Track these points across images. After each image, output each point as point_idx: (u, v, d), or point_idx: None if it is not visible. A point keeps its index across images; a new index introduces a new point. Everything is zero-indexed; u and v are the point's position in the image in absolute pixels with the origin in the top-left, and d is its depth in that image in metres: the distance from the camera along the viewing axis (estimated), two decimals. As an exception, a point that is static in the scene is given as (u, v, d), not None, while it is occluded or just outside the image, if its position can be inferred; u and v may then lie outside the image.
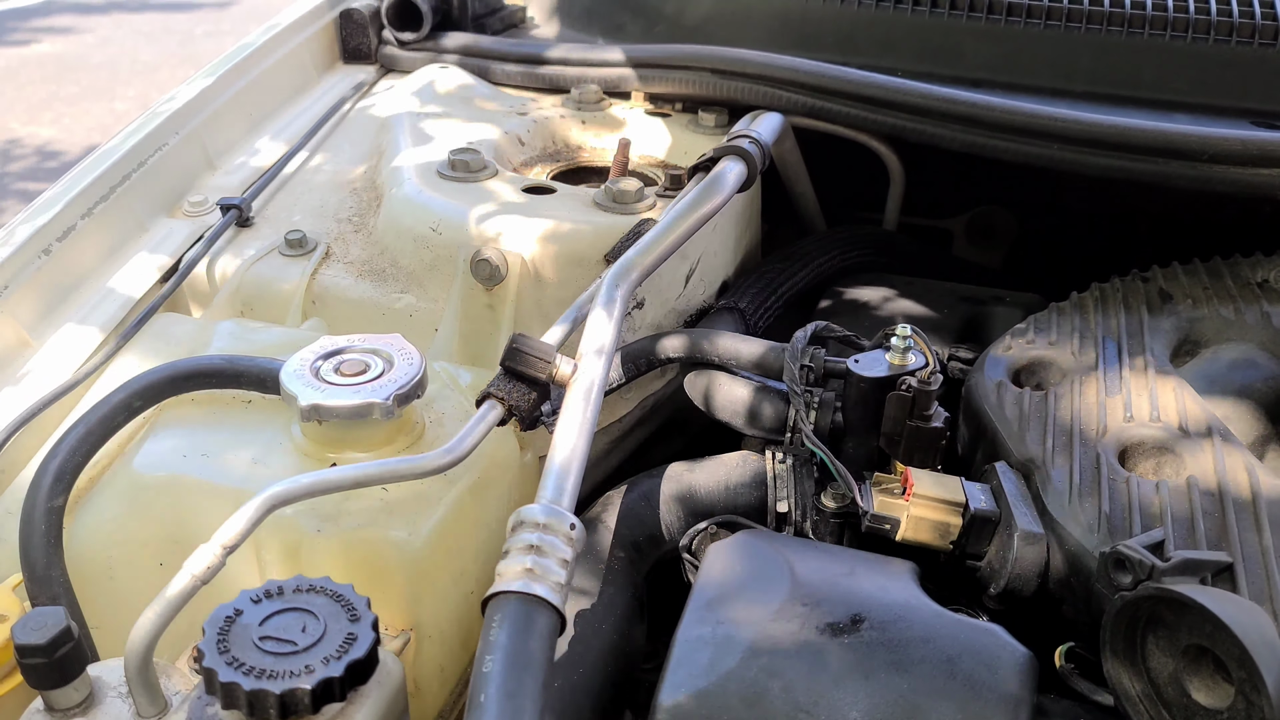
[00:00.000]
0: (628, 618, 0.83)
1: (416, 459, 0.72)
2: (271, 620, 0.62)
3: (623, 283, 0.90)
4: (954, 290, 1.27)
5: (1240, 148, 1.10)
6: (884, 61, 1.39)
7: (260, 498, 0.65)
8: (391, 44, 1.56)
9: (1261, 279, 1.06)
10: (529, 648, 0.59)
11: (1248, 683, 0.61)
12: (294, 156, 1.32)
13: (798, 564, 0.74)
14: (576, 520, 0.67)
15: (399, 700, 0.66)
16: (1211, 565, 0.70)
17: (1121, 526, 0.76)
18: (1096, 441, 0.84)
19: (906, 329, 0.88)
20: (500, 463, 0.88)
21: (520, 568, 0.63)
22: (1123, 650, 0.68)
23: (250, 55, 1.44)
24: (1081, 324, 1.01)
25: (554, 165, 1.32)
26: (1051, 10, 1.37)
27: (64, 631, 0.59)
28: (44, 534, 0.75)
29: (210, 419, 0.85)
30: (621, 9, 1.60)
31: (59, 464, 0.78)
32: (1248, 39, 1.33)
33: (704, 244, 1.16)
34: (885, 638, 0.68)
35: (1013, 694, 0.65)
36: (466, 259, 1.02)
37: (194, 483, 0.80)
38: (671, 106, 1.41)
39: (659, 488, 0.94)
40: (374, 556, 0.76)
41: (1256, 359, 0.97)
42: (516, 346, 0.79)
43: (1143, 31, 1.35)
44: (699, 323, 1.16)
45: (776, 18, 1.48)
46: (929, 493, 0.81)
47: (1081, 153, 1.17)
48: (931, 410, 0.86)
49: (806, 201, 1.45)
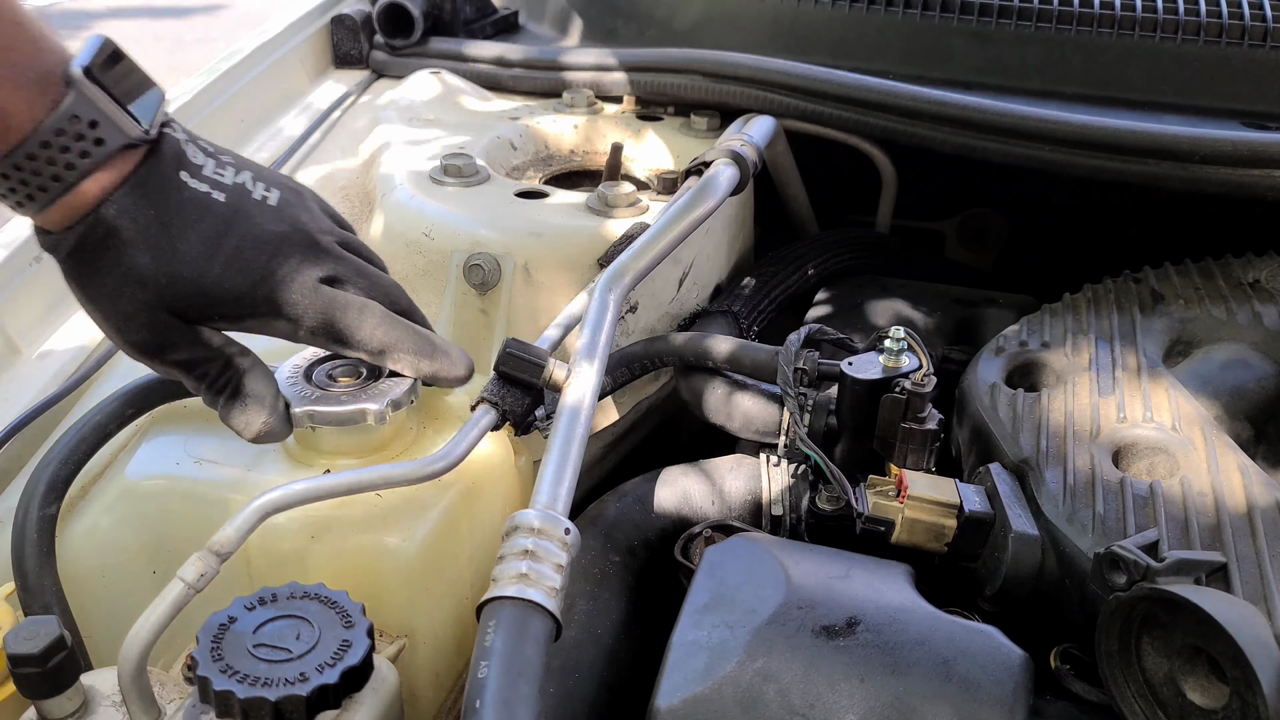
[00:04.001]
0: (623, 622, 0.83)
1: (410, 465, 0.72)
2: (266, 628, 0.62)
3: (616, 287, 0.90)
4: (946, 292, 1.27)
5: (1231, 149, 1.11)
6: (875, 64, 1.39)
7: (254, 505, 0.65)
8: (383, 50, 1.56)
9: (1253, 279, 1.06)
10: (524, 653, 0.59)
11: (1242, 682, 0.61)
12: (285, 162, 1.31)
13: (792, 567, 0.74)
14: (571, 525, 0.67)
15: (394, 707, 0.66)
16: (1206, 565, 0.70)
17: (1116, 527, 0.76)
18: (1090, 442, 0.85)
19: (900, 331, 0.89)
20: (494, 468, 0.88)
21: (515, 573, 0.63)
22: (1118, 651, 0.68)
23: (241, 61, 1.44)
24: (1074, 325, 1.01)
25: (546, 170, 1.32)
26: (1041, 12, 1.38)
27: (57, 640, 0.59)
28: (36, 542, 0.75)
29: (203, 426, 0.85)
30: (613, 13, 1.60)
31: (51, 472, 0.77)
32: (1237, 40, 1.33)
33: (697, 248, 1.16)
34: (881, 640, 0.68)
35: (1008, 695, 0.65)
36: (459, 264, 1.02)
37: (187, 490, 0.80)
38: (664, 110, 1.41)
39: (653, 492, 0.94)
40: (368, 563, 0.76)
41: (1249, 359, 0.97)
42: (510, 351, 0.79)
43: (1132, 33, 1.36)
44: (692, 326, 1.16)
45: (767, 21, 1.48)
46: (923, 495, 0.81)
47: (1072, 154, 1.17)
48: (925, 412, 0.86)
49: (799, 204, 1.45)
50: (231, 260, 0.68)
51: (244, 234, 0.68)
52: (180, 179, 0.67)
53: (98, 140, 0.62)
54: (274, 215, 0.70)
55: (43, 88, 0.61)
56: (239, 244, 0.68)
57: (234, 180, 0.70)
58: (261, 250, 0.69)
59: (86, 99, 0.61)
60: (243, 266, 0.68)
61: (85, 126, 0.62)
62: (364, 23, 1.56)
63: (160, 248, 0.66)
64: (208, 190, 0.68)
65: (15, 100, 0.60)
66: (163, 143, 0.67)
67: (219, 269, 0.67)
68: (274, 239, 0.69)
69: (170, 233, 0.66)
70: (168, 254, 0.66)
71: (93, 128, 0.62)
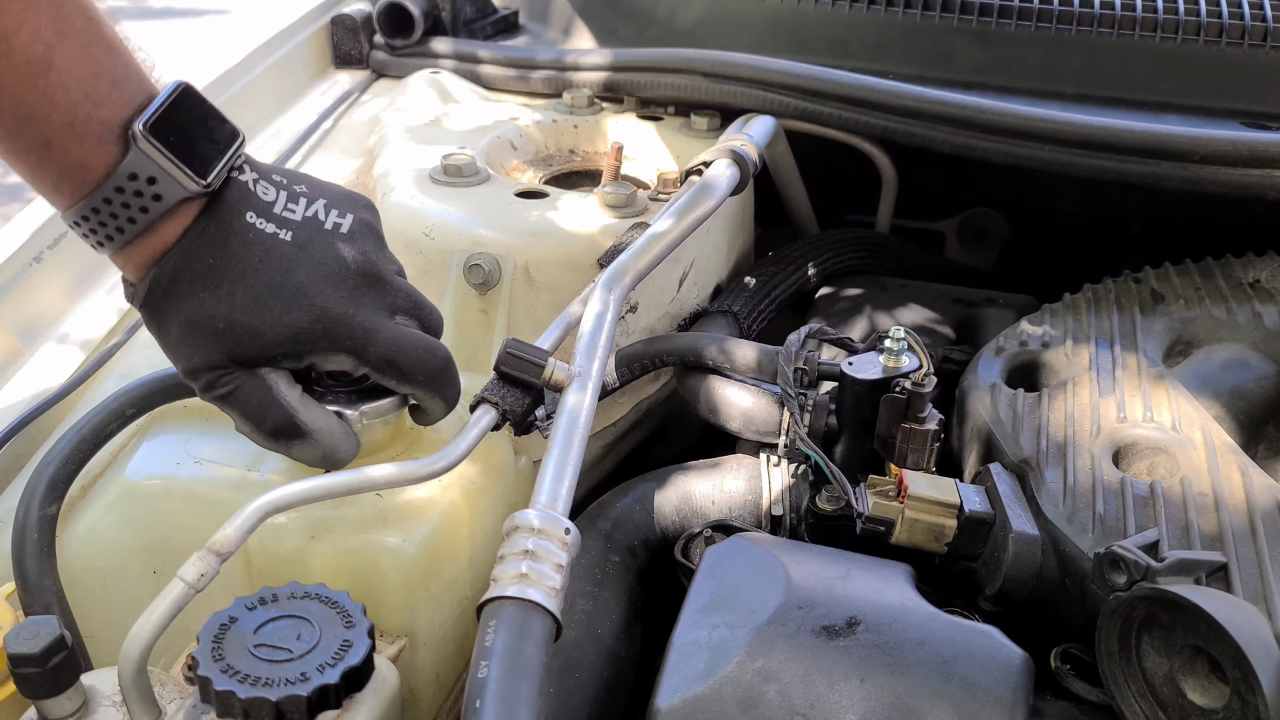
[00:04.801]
0: (623, 622, 0.83)
1: (410, 465, 0.72)
2: (266, 628, 0.62)
3: (616, 287, 0.90)
4: (946, 292, 1.27)
5: (1231, 148, 1.11)
6: (875, 64, 1.39)
7: (254, 505, 0.65)
8: (383, 50, 1.56)
9: (1253, 279, 1.06)
10: (524, 653, 0.59)
11: (1243, 682, 0.61)
12: (285, 163, 1.31)
13: (792, 567, 0.74)
14: (571, 525, 0.67)
15: (394, 707, 0.66)
16: (1206, 565, 0.70)
17: (1116, 527, 0.76)
18: (1090, 442, 0.85)
19: (900, 331, 0.89)
20: (494, 468, 0.88)
21: (515, 573, 0.63)
22: (1118, 651, 0.68)
23: (242, 61, 1.44)
24: (1074, 325, 1.01)
25: (546, 170, 1.31)
26: (1041, 12, 1.38)
27: (57, 640, 0.59)
28: (37, 542, 0.75)
29: (203, 426, 0.85)
30: (613, 13, 1.60)
31: (52, 472, 0.77)
32: (1237, 40, 1.33)
33: (697, 248, 1.16)
34: (881, 640, 0.68)
35: (1008, 695, 0.65)
36: (459, 264, 1.02)
37: (187, 490, 0.80)
38: (664, 110, 1.41)
39: (654, 492, 0.94)
40: (368, 563, 0.76)
41: (1249, 359, 0.97)
42: (510, 351, 0.79)
43: (1133, 33, 1.36)
44: (692, 326, 1.16)
45: (768, 21, 1.48)
46: (923, 495, 0.81)
47: (1073, 154, 1.17)
48: (925, 412, 0.86)
49: (799, 204, 1.45)
50: (293, 300, 0.68)
51: (308, 271, 0.69)
52: (245, 223, 0.68)
53: (155, 196, 0.65)
54: (343, 246, 0.71)
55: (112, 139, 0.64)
56: (302, 282, 0.68)
57: (304, 214, 0.71)
58: (326, 285, 0.69)
59: (145, 156, 0.64)
60: (305, 304, 0.68)
61: (144, 183, 0.64)
62: (364, 23, 1.56)
63: (219, 295, 0.67)
64: (275, 231, 0.69)
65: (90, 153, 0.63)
66: (227, 189, 0.68)
67: (278, 311, 0.68)
68: (340, 273, 0.70)
69: (229, 279, 0.67)
70: (226, 302, 0.67)
71: (151, 184, 0.64)
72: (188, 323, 0.67)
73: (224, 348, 0.68)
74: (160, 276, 0.67)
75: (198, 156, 0.66)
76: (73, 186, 0.64)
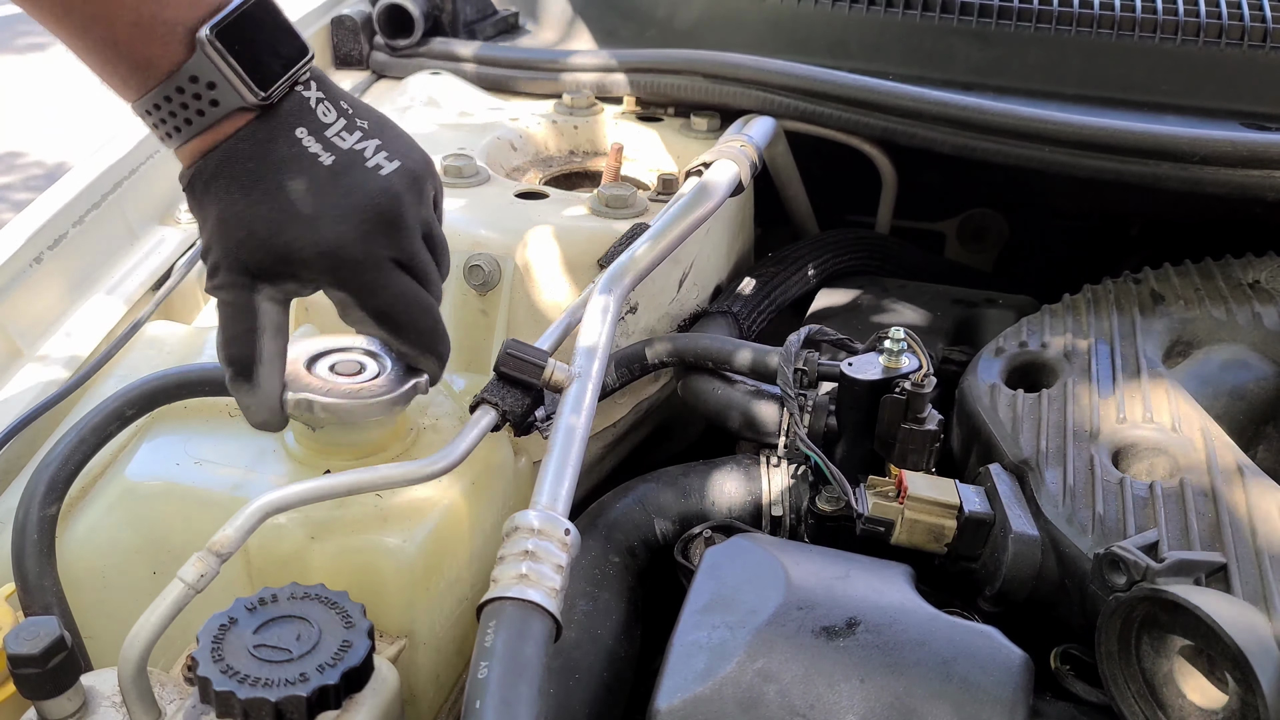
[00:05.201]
0: (623, 623, 0.83)
1: (410, 465, 0.72)
2: (266, 628, 0.62)
3: (616, 287, 0.90)
4: (946, 293, 1.27)
5: (1230, 149, 1.11)
6: (875, 65, 1.39)
7: (254, 505, 0.65)
8: (383, 50, 1.56)
9: (1253, 280, 1.06)
10: (524, 654, 0.59)
11: (1243, 683, 0.61)
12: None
13: (792, 568, 0.74)
14: (571, 525, 0.67)
15: (394, 707, 0.66)
16: (1206, 566, 0.70)
17: (1115, 528, 0.76)
18: (1090, 443, 0.85)
19: (900, 332, 0.89)
20: (494, 468, 0.88)
21: (515, 574, 0.63)
22: (1118, 651, 0.68)
23: (242, 62, 1.43)
24: (1074, 325, 1.01)
25: (546, 170, 1.32)
26: (1041, 13, 1.38)
27: (57, 641, 0.59)
28: (36, 543, 0.75)
29: (203, 427, 0.85)
30: (613, 14, 1.60)
31: (51, 473, 0.77)
32: (1236, 41, 1.33)
33: (697, 248, 1.16)
34: (881, 641, 0.68)
35: (1008, 696, 0.65)
36: (460, 265, 1.02)
37: (187, 491, 0.80)
38: (664, 111, 1.41)
39: (653, 492, 0.94)
40: (368, 563, 0.76)
41: (1248, 360, 0.97)
42: (510, 352, 0.79)
43: (1132, 34, 1.36)
44: (692, 327, 1.16)
45: (767, 22, 1.48)
46: (923, 495, 0.81)
47: (1072, 155, 1.17)
48: (925, 413, 0.86)
49: (799, 205, 1.45)
50: (309, 224, 0.69)
51: (334, 202, 0.69)
52: (293, 136, 0.69)
53: (213, 101, 0.67)
54: (375, 187, 0.71)
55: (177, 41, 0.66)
56: (321, 208, 0.69)
57: (352, 145, 0.71)
58: (344, 219, 0.69)
59: (207, 60, 0.66)
60: (317, 232, 0.69)
61: (203, 87, 0.66)
62: (364, 23, 1.56)
63: (250, 201, 0.69)
64: (317, 151, 0.70)
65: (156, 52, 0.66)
66: (285, 101, 0.69)
67: (292, 234, 0.69)
68: (361, 210, 0.70)
69: (261, 188, 0.69)
70: (252, 210, 0.69)
71: (210, 88, 0.66)
72: (219, 219, 0.69)
73: (240, 255, 0.69)
74: (204, 168, 0.69)
75: (261, 68, 0.67)
76: (140, 82, 0.66)
